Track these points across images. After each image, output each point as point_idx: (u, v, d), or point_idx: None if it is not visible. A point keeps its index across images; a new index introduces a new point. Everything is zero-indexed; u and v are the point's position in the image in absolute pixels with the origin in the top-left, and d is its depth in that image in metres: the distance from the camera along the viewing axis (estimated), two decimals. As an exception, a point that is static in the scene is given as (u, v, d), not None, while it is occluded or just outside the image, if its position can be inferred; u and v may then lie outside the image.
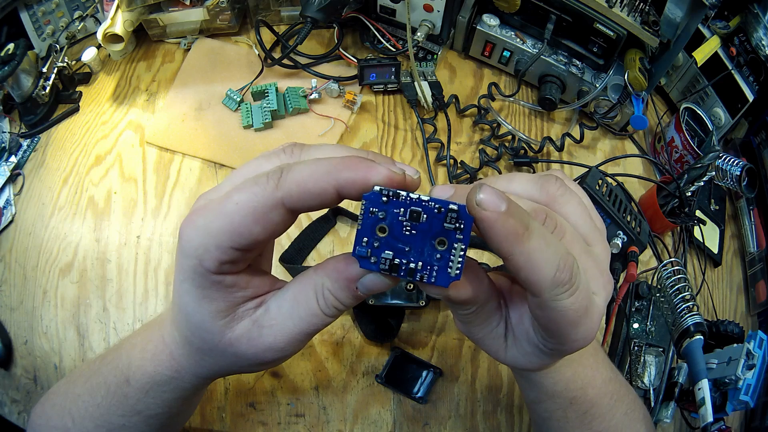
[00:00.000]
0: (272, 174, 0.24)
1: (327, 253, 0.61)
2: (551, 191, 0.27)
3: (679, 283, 0.55)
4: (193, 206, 0.27)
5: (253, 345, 0.28)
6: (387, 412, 0.53)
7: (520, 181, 0.27)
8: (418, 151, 0.69)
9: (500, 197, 0.22)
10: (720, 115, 0.69)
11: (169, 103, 0.70)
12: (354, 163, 0.24)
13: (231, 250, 0.25)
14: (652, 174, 0.71)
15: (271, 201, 0.24)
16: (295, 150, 0.27)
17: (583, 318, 0.25)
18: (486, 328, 0.30)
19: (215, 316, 0.27)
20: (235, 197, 0.24)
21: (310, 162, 0.24)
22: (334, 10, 0.67)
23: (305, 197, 0.24)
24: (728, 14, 0.68)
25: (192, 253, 0.25)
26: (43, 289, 0.58)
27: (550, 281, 0.23)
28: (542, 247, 0.23)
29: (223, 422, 0.52)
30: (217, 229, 0.24)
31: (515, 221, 0.22)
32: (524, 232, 0.22)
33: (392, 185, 0.24)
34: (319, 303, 0.27)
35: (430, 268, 0.24)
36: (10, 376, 0.54)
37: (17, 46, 0.62)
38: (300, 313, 0.27)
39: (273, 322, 0.28)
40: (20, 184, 0.64)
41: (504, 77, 0.76)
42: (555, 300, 0.24)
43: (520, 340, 0.30)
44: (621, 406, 0.38)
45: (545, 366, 0.33)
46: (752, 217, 0.68)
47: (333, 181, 0.23)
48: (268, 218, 0.24)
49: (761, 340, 0.50)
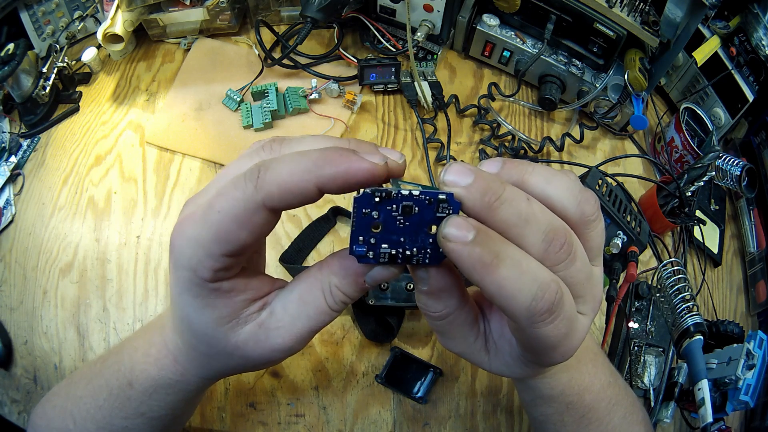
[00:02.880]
0: (249, 175, 0.24)
1: (327, 253, 0.61)
2: (586, 212, 0.26)
3: (679, 283, 0.55)
4: (181, 212, 0.27)
5: (260, 347, 0.28)
6: (387, 412, 0.53)
7: (559, 188, 0.26)
8: (418, 151, 0.69)
9: (467, 226, 0.22)
10: (720, 115, 0.69)
11: (169, 103, 0.70)
12: (334, 157, 0.23)
13: (222, 257, 0.25)
14: (652, 174, 0.71)
15: (252, 205, 0.23)
16: (274, 145, 0.27)
17: (564, 341, 0.25)
18: (465, 342, 0.30)
19: (218, 322, 0.27)
20: (217, 205, 0.24)
21: (288, 159, 0.24)
22: (334, 10, 0.67)
23: (286, 197, 0.23)
24: (728, 14, 0.68)
25: (186, 265, 0.25)
26: (43, 289, 0.58)
27: (525, 310, 0.23)
28: (515, 275, 0.23)
29: (223, 422, 0.52)
30: (206, 239, 0.24)
31: (483, 250, 0.22)
32: (493, 260, 0.22)
33: (375, 180, 0.23)
34: (327, 300, 0.27)
35: (424, 252, 0.25)
36: (10, 376, 0.54)
37: (17, 46, 0.62)
38: (309, 312, 0.28)
39: (280, 324, 0.28)
40: (20, 184, 0.64)
41: (504, 77, 0.76)
42: (532, 328, 0.24)
43: (503, 352, 0.30)
44: (619, 409, 0.38)
45: (531, 375, 0.33)
46: (752, 217, 0.68)
47: (313, 179, 0.23)
48: (252, 222, 0.24)
49: (761, 340, 0.50)
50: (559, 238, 0.24)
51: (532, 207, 0.24)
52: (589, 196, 0.26)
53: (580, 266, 0.25)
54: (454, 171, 0.23)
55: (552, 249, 0.24)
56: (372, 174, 0.23)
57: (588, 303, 0.27)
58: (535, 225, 0.24)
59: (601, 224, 0.27)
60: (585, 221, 0.26)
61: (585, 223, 0.26)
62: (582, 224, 0.26)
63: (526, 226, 0.23)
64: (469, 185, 0.23)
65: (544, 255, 0.24)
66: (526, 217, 0.23)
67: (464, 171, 0.23)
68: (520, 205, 0.23)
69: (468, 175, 0.23)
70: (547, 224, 0.24)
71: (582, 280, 0.25)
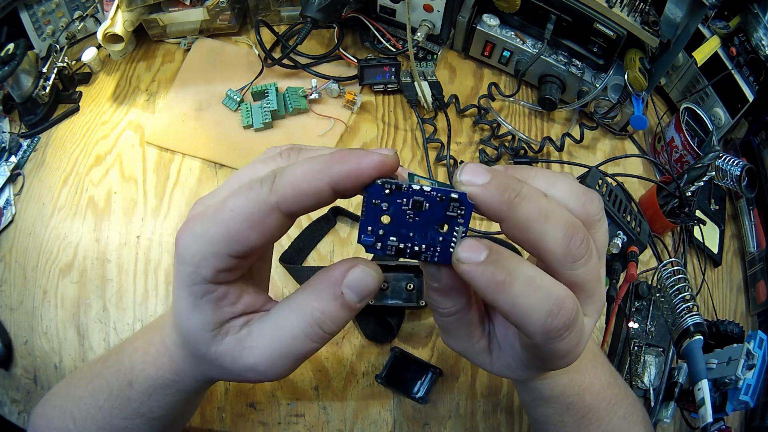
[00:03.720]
0: (266, 179, 0.24)
1: (327, 253, 0.61)
2: (591, 212, 0.26)
3: (679, 283, 0.55)
4: (190, 211, 0.27)
5: (236, 363, 0.27)
6: (387, 412, 0.53)
7: (563, 189, 0.26)
8: (418, 151, 0.69)
9: (479, 247, 0.22)
10: (720, 115, 0.69)
11: (169, 103, 0.70)
12: (344, 155, 0.23)
13: (228, 257, 0.24)
14: (652, 174, 0.71)
15: (266, 206, 0.23)
16: (291, 153, 0.27)
17: (574, 350, 0.25)
18: (468, 341, 0.30)
19: (203, 326, 0.27)
20: (230, 204, 0.24)
21: (301, 162, 0.24)
22: (334, 10, 0.67)
23: (300, 199, 0.23)
24: (728, 14, 0.68)
25: (189, 260, 0.25)
26: (43, 289, 0.58)
27: (540, 327, 0.23)
28: (529, 292, 0.23)
29: (223, 422, 0.52)
30: (214, 237, 0.24)
31: (496, 269, 0.22)
32: (506, 278, 0.22)
33: (387, 171, 0.23)
34: (302, 328, 0.26)
35: (433, 249, 0.25)
36: (10, 376, 0.54)
37: (17, 46, 0.62)
38: (281, 337, 0.26)
39: (253, 344, 0.27)
40: (20, 184, 0.64)
41: (504, 77, 0.76)
42: (548, 344, 0.24)
43: (506, 354, 0.30)
44: (619, 410, 0.38)
45: (533, 378, 0.33)
46: (752, 217, 0.68)
47: (326, 178, 0.23)
48: (264, 224, 0.24)
49: (761, 340, 0.50)
50: (578, 233, 0.24)
51: (550, 203, 0.24)
52: (593, 197, 0.26)
53: (595, 264, 0.25)
54: (470, 170, 0.23)
55: (573, 244, 0.24)
56: (383, 163, 0.23)
57: (595, 304, 0.27)
58: (556, 221, 0.23)
59: (605, 224, 0.27)
60: (590, 221, 0.26)
61: (590, 223, 0.26)
62: (587, 224, 0.26)
63: (547, 221, 0.23)
64: (487, 183, 0.23)
65: (566, 251, 0.24)
66: (546, 213, 0.23)
67: (480, 170, 0.23)
68: (539, 201, 0.23)
69: (485, 174, 0.23)
70: (566, 220, 0.24)
71: (596, 278, 0.26)
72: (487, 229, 0.63)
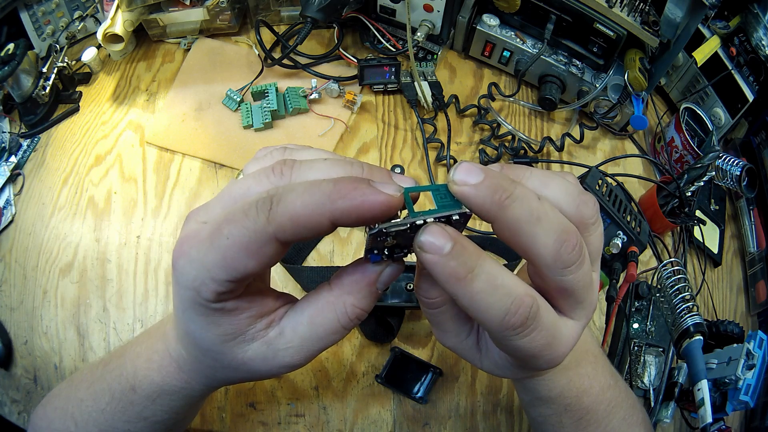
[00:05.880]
0: (262, 205, 0.23)
1: (327, 253, 0.61)
2: (585, 215, 0.25)
3: (679, 283, 0.55)
4: (183, 228, 0.26)
5: (268, 364, 0.28)
6: (387, 412, 0.53)
7: (557, 190, 0.25)
8: (418, 151, 0.69)
9: (444, 238, 0.22)
10: (720, 115, 0.69)
11: (169, 103, 0.70)
12: (348, 190, 0.22)
13: (226, 282, 0.24)
14: (652, 174, 0.71)
15: (264, 236, 0.23)
16: (285, 170, 0.25)
17: (545, 350, 0.25)
18: (457, 337, 0.31)
19: (224, 339, 0.27)
20: (226, 231, 0.23)
21: (301, 191, 0.23)
22: (334, 10, 0.67)
23: (299, 231, 0.23)
24: (728, 14, 0.68)
25: (189, 285, 0.24)
26: (43, 289, 0.58)
27: (497, 324, 0.23)
28: (488, 290, 0.23)
29: (223, 422, 0.52)
30: (212, 264, 0.23)
31: (457, 264, 0.22)
32: (467, 275, 0.22)
33: (391, 212, 0.23)
34: (341, 321, 0.27)
35: None
36: (10, 376, 0.54)
37: (17, 46, 0.62)
38: (319, 334, 0.27)
39: (290, 344, 0.27)
40: (20, 184, 0.64)
41: (504, 77, 0.76)
42: (507, 340, 0.24)
43: (492, 353, 0.30)
44: (618, 412, 0.38)
45: (523, 377, 0.33)
46: (752, 217, 0.68)
47: (327, 213, 0.22)
48: (261, 253, 0.23)
49: (761, 340, 0.50)
50: (571, 239, 0.24)
51: (543, 206, 0.23)
52: (587, 199, 0.26)
53: (587, 270, 0.25)
54: (463, 169, 0.23)
55: (565, 250, 0.23)
56: (387, 206, 0.22)
57: (585, 308, 0.27)
58: (547, 224, 0.23)
59: (600, 228, 0.27)
60: (584, 225, 0.25)
61: (584, 226, 0.25)
62: (581, 228, 0.25)
63: (538, 224, 0.23)
64: (479, 183, 0.22)
65: (557, 256, 0.23)
66: (537, 216, 0.23)
67: (474, 169, 0.23)
68: (531, 203, 0.23)
69: (477, 173, 0.23)
70: (558, 224, 0.24)
71: (586, 284, 0.25)
72: (487, 230, 0.63)
